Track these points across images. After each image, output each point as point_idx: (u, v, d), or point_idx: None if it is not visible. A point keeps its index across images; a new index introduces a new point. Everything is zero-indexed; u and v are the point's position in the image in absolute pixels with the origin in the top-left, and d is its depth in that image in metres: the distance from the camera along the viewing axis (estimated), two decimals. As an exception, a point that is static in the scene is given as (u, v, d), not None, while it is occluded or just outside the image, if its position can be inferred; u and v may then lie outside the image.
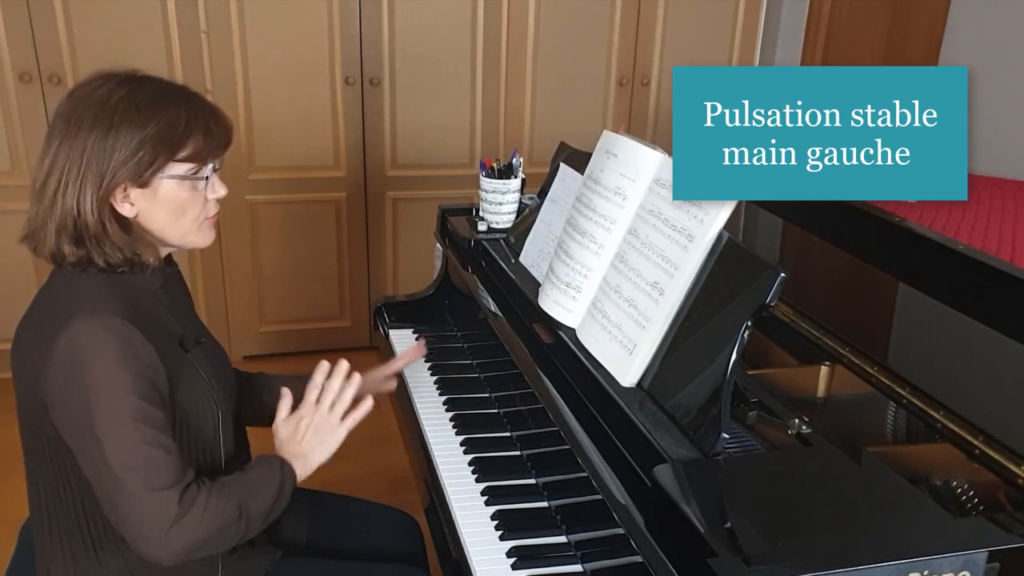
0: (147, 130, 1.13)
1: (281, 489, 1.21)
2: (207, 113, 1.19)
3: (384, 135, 3.12)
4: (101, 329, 1.09)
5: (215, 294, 3.16)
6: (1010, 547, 0.91)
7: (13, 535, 1.42)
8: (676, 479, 1.02)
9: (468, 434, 1.57)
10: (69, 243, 1.15)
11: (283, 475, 1.21)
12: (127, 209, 1.16)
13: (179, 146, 1.15)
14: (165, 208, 1.18)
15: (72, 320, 1.09)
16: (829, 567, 0.87)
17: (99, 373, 1.08)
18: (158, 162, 1.14)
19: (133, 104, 1.13)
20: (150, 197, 1.17)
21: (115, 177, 1.13)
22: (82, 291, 1.14)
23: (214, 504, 1.12)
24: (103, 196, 1.13)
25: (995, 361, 1.36)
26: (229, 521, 1.14)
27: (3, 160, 2.81)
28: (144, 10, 2.77)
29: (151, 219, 1.18)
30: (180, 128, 1.15)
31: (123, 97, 1.13)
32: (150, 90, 1.16)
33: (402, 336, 1.98)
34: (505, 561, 1.26)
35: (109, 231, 1.15)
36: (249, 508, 1.16)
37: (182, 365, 1.21)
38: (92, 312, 1.10)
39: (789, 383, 1.36)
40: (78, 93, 1.16)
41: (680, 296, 1.19)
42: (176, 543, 1.09)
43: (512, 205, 1.90)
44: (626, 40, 3.22)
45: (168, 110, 1.15)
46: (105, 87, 1.14)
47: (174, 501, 1.09)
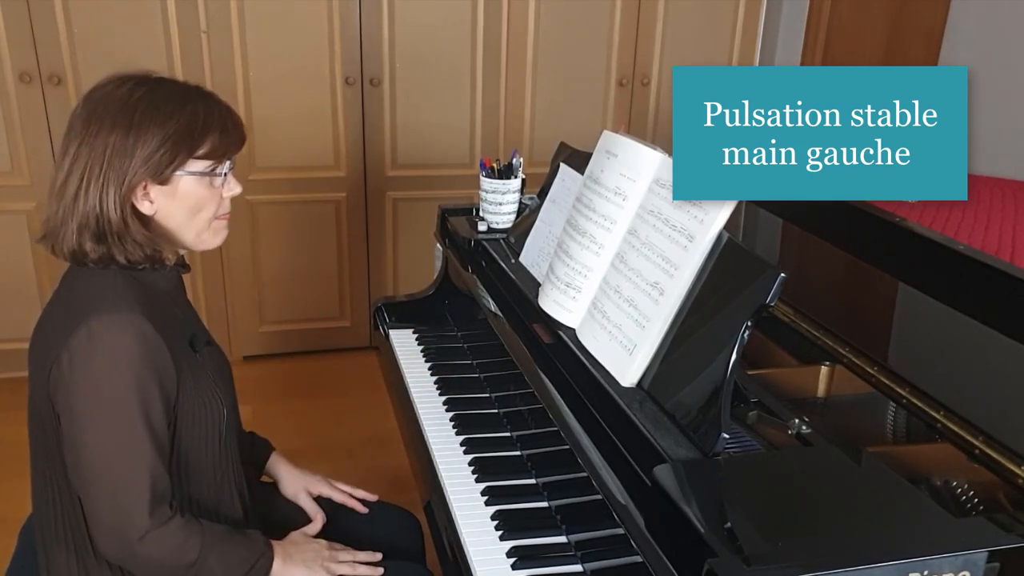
0: (167, 128, 1.15)
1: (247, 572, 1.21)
2: (223, 111, 1.22)
3: (384, 135, 3.12)
4: (120, 324, 1.11)
5: (215, 294, 3.16)
6: (1010, 547, 0.91)
7: (13, 535, 1.42)
8: (676, 479, 1.02)
9: (468, 434, 1.58)
10: (91, 241, 1.16)
11: (258, 563, 1.22)
12: (147, 207, 1.18)
13: (198, 143, 1.18)
14: (183, 205, 1.20)
15: (91, 315, 1.11)
16: (829, 567, 0.87)
17: (112, 364, 1.10)
18: (179, 159, 1.16)
19: (153, 103, 1.16)
20: (169, 194, 1.19)
21: (137, 175, 1.15)
22: (102, 288, 1.16)
23: (179, 539, 1.14)
24: (125, 194, 1.15)
25: (995, 361, 1.36)
26: (181, 563, 1.15)
27: (3, 160, 2.81)
28: (144, 10, 2.77)
29: (169, 216, 1.21)
30: (199, 125, 1.17)
31: (142, 96, 1.16)
32: (168, 89, 1.19)
33: (402, 336, 1.98)
34: (505, 561, 1.26)
35: (131, 228, 1.17)
36: (207, 564, 1.17)
37: (192, 364, 1.23)
38: (112, 307, 1.13)
39: (789, 383, 1.36)
40: (96, 94, 1.18)
41: (680, 296, 1.19)
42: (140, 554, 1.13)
43: (512, 205, 1.90)
44: (626, 40, 3.22)
45: (186, 108, 1.17)
46: (124, 87, 1.17)
47: (145, 513, 1.11)
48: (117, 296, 1.15)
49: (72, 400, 1.12)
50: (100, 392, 1.11)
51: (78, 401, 1.11)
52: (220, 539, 1.19)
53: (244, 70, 2.91)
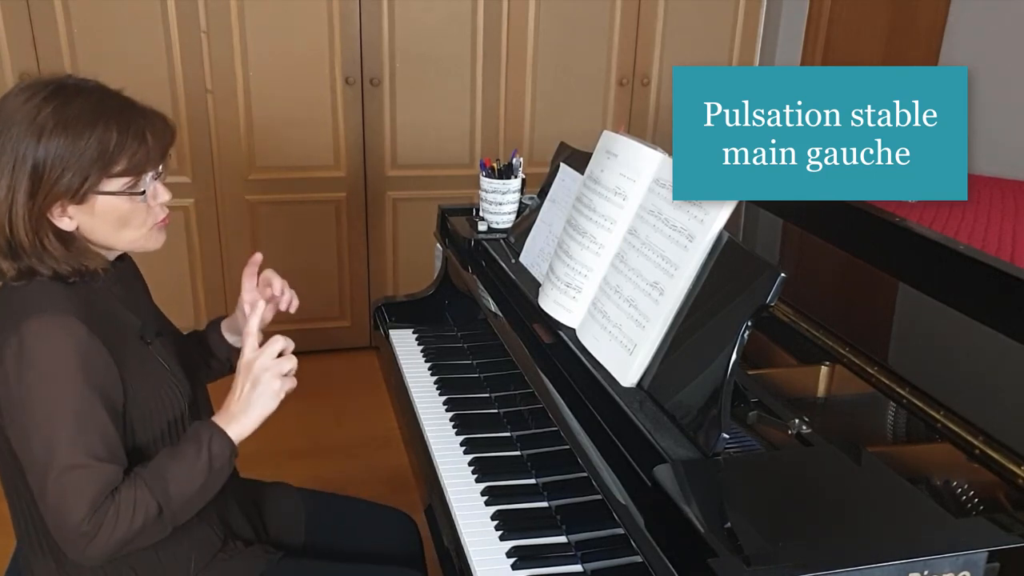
0: (76, 148, 1.09)
1: (209, 470, 1.13)
2: (142, 123, 1.15)
3: (384, 135, 3.12)
4: (51, 327, 1.08)
5: (215, 294, 3.16)
6: (1010, 547, 0.91)
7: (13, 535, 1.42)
8: (676, 479, 1.02)
9: (468, 434, 1.57)
10: (4, 258, 1.13)
11: (211, 453, 1.13)
12: (66, 223, 1.14)
13: (112, 163, 1.12)
14: (105, 221, 1.15)
15: (22, 322, 1.08)
16: (829, 567, 0.87)
17: (47, 368, 1.07)
18: (91, 180, 1.11)
19: (61, 121, 1.09)
20: (88, 212, 1.14)
21: (47, 196, 1.10)
22: (32, 295, 1.12)
23: (126, 514, 1.07)
24: (38, 213, 1.11)
25: (995, 361, 1.36)
26: (147, 521, 1.09)
27: (3, 160, 2.81)
28: (144, 10, 2.77)
29: (93, 232, 1.16)
30: (112, 145, 1.11)
31: (51, 113, 1.09)
32: (79, 104, 1.11)
33: (402, 336, 1.98)
34: (505, 561, 1.26)
35: (48, 247, 1.12)
36: (170, 501, 1.10)
37: (143, 358, 1.20)
38: (42, 312, 1.09)
39: (789, 383, 1.36)
40: (7, 104, 1.12)
41: (680, 296, 1.19)
42: (91, 556, 1.07)
43: (512, 205, 1.90)
44: (626, 40, 3.22)
45: (98, 126, 1.11)
46: (33, 101, 1.10)
47: (86, 521, 1.05)
48: (45, 300, 1.11)
49: (14, 411, 1.08)
50: (38, 397, 1.06)
51: (17, 411, 1.08)
52: (162, 470, 1.11)
53: (244, 70, 2.91)
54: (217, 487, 1.17)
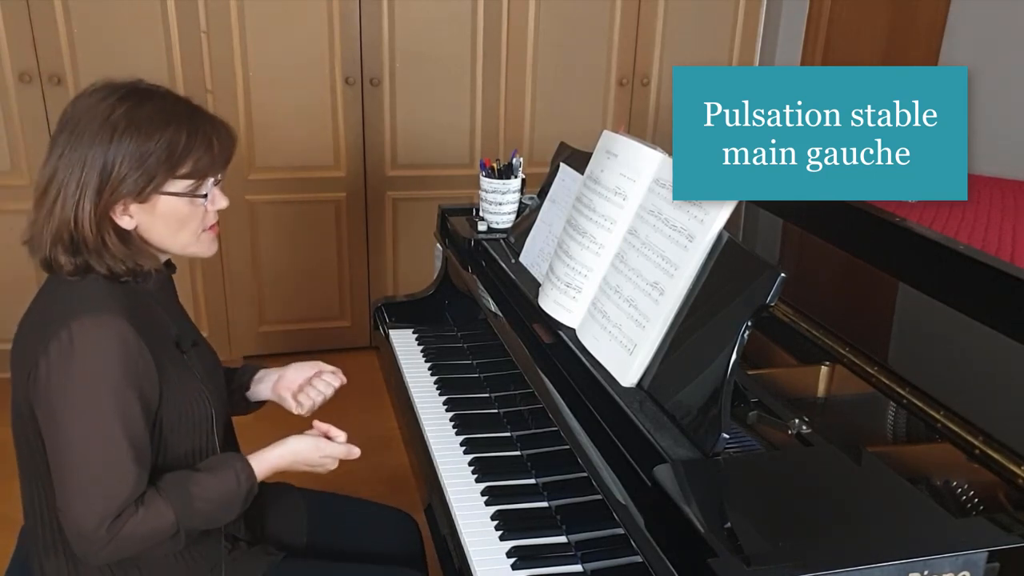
0: (147, 148, 1.13)
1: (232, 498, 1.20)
2: (209, 129, 1.19)
3: (384, 135, 3.12)
4: (100, 327, 1.10)
5: (215, 294, 3.16)
6: (1010, 547, 0.91)
7: (13, 535, 1.42)
8: (676, 479, 1.02)
9: (468, 434, 1.57)
10: (64, 253, 1.15)
11: (238, 482, 1.21)
12: (127, 222, 1.17)
13: (178, 165, 1.16)
14: (164, 221, 1.19)
15: (72, 319, 1.10)
16: (829, 567, 0.87)
17: (92, 368, 1.09)
18: (156, 180, 1.15)
19: (134, 121, 1.13)
20: (149, 211, 1.17)
21: (114, 193, 1.13)
22: (82, 293, 1.15)
23: (144, 526, 1.12)
24: (102, 210, 1.14)
25: (995, 361, 1.36)
26: (163, 535, 1.14)
27: (3, 160, 2.81)
28: (144, 10, 2.76)
29: (150, 232, 1.19)
30: (180, 147, 1.15)
31: (124, 113, 1.13)
32: (152, 107, 1.15)
33: (402, 336, 1.98)
34: (505, 561, 1.26)
35: (109, 244, 1.15)
36: (189, 520, 1.16)
37: (178, 366, 1.22)
38: (93, 311, 1.11)
39: (789, 383, 1.36)
40: (81, 104, 1.16)
41: (680, 296, 1.19)
42: (100, 559, 1.12)
43: (512, 205, 1.90)
44: (626, 40, 3.22)
45: (168, 128, 1.14)
46: (107, 101, 1.14)
47: (104, 527, 1.09)
48: (97, 299, 1.13)
49: (52, 403, 1.10)
50: (78, 392, 1.09)
51: (57, 402, 1.10)
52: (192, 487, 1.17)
53: (244, 70, 2.91)
54: (235, 514, 1.22)
